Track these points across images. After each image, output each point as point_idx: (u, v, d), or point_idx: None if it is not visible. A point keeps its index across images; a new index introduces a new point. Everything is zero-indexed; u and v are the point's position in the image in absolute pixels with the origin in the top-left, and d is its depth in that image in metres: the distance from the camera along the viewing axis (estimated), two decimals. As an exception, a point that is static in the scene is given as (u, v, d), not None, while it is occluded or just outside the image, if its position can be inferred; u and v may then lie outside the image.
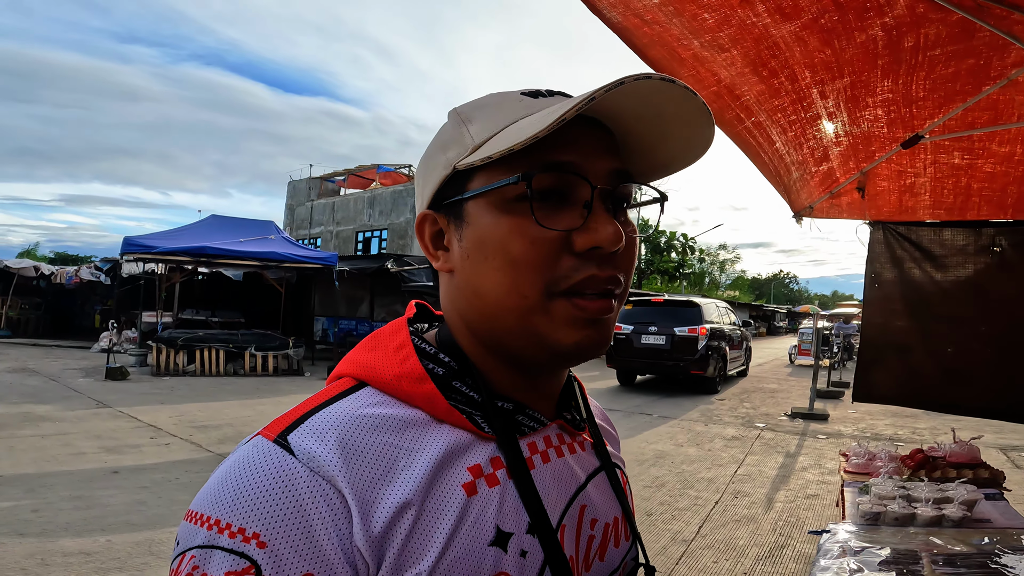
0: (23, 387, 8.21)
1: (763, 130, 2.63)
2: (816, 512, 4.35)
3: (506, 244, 0.46)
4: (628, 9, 1.79)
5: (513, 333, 0.48)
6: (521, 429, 0.51)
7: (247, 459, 0.42)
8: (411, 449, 0.45)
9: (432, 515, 0.43)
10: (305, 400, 0.47)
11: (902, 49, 1.92)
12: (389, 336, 0.52)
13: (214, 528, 0.39)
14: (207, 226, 12.30)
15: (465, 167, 0.48)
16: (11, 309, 16.09)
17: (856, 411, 9.21)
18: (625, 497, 0.60)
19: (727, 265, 63.11)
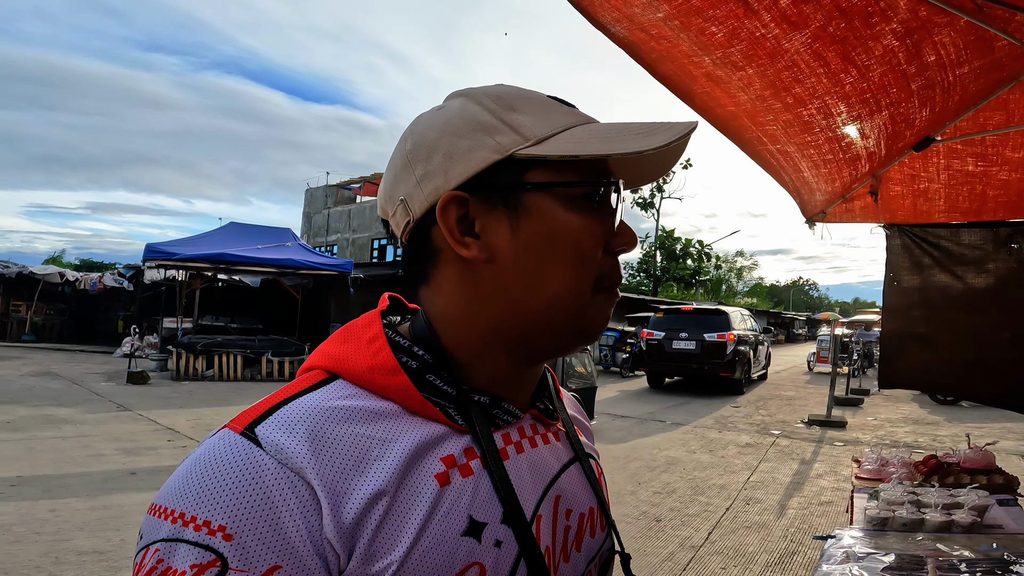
0: (46, 390, 8.42)
1: (789, 158, 2.62)
2: (830, 519, 4.28)
3: (578, 240, 0.49)
4: (633, 24, 1.76)
5: (557, 323, 0.50)
6: (496, 422, 0.51)
7: (213, 452, 0.41)
8: (384, 440, 0.45)
9: (404, 505, 0.43)
10: (273, 393, 0.47)
11: (927, 65, 1.88)
12: (362, 329, 0.51)
13: (178, 521, 0.39)
14: (226, 233, 12.51)
15: (531, 157, 0.47)
16: (36, 314, 16.51)
17: (876, 418, 9.03)
18: (599, 487, 0.60)
19: (744, 272, 62.37)
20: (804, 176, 2.89)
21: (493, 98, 0.50)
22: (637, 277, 37.42)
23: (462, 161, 0.48)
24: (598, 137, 0.48)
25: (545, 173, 0.48)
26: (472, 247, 0.48)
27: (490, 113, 0.49)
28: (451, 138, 0.49)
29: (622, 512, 4.37)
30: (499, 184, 0.48)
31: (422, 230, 0.51)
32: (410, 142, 0.51)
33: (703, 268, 35.35)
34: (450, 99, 0.53)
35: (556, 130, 0.49)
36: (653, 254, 34.03)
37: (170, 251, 10.73)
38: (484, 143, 0.48)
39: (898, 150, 2.62)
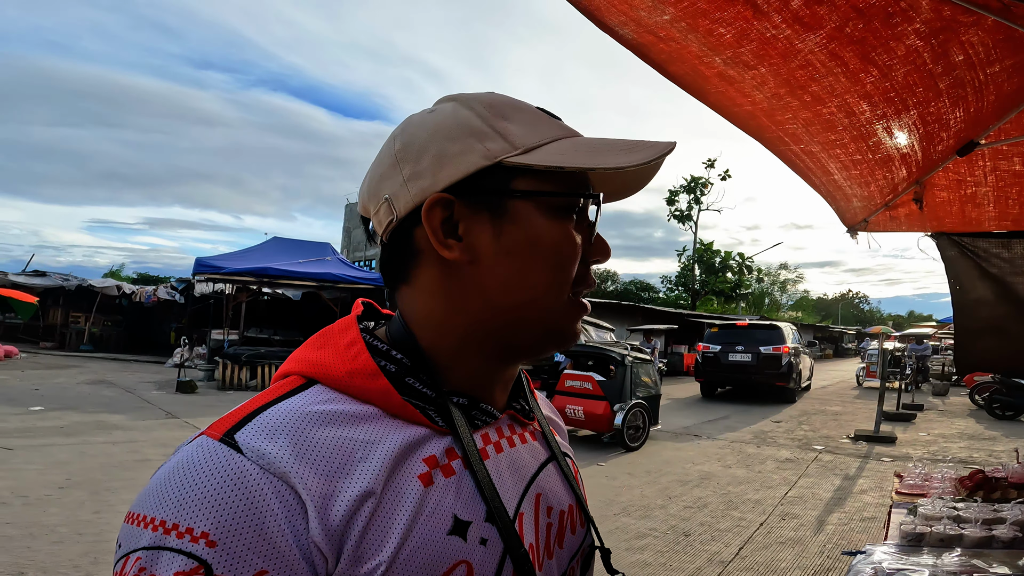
0: (100, 397, 8.86)
1: (816, 159, 2.57)
2: (872, 535, 4.08)
3: (558, 248, 0.50)
4: (640, 26, 1.77)
5: (534, 328, 0.51)
6: (474, 423, 0.52)
7: (191, 459, 0.41)
8: (366, 442, 0.45)
9: (389, 506, 0.43)
10: (249, 400, 0.47)
11: (955, 65, 1.82)
12: (339, 334, 0.51)
13: (159, 529, 0.39)
14: (269, 248, 12.98)
15: (518, 165, 0.49)
16: (94, 326, 17.43)
17: (928, 434, 8.58)
18: (577, 485, 0.61)
19: (789, 285, 60.48)
20: (835, 179, 2.82)
21: (485, 105, 0.51)
22: (676, 291, 36.78)
23: (451, 164, 0.49)
24: (584, 150, 0.50)
25: (530, 182, 0.50)
26: (455, 249, 0.49)
27: (481, 119, 0.50)
28: (441, 141, 0.50)
29: (649, 526, 4.28)
30: (485, 189, 0.49)
31: (405, 230, 0.51)
32: (400, 141, 0.52)
33: (744, 281, 34.46)
34: (442, 103, 0.54)
35: (543, 141, 0.50)
36: (691, 267, 33.41)
37: (217, 265, 11.20)
38: (474, 148, 0.49)
39: (938, 153, 2.53)
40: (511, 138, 0.49)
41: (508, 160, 0.49)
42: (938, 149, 2.46)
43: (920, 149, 2.45)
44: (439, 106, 0.54)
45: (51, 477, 4.67)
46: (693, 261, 33.25)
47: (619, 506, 4.77)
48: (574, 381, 7.34)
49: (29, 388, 9.30)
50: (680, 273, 35.00)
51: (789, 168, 2.76)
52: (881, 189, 2.85)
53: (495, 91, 0.55)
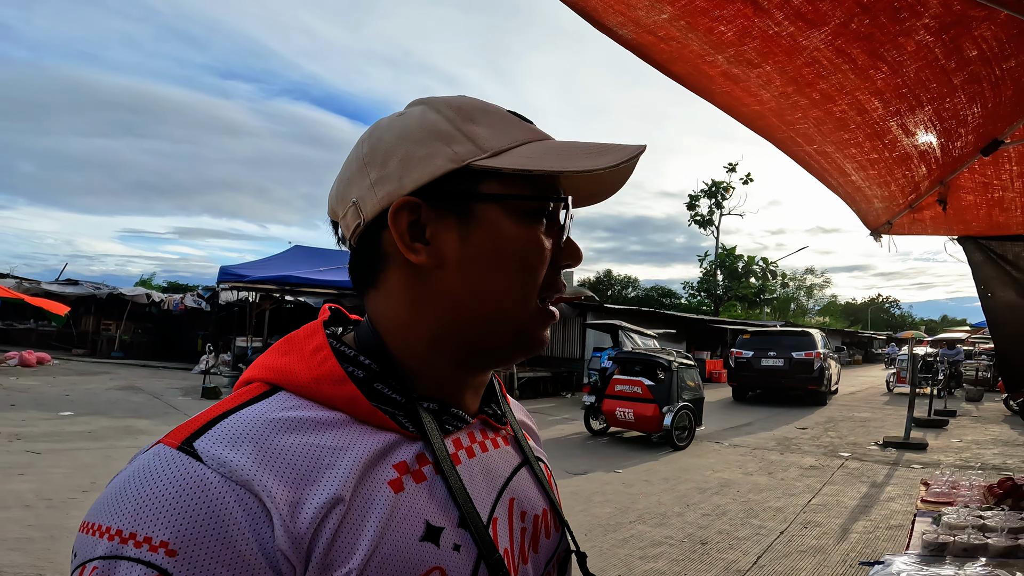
0: (128, 403, 9.08)
1: (831, 160, 2.52)
2: (898, 544, 3.95)
3: (525, 253, 0.50)
4: (639, 27, 1.75)
5: (500, 332, 0.51)
6: (445, 428, 0.51)
7: (148, 468, 0.40)
8: (334, 448, 0.44)
9: (359, 513, 0.43)
10: (209, 407, 0.46)
11: (969, 60, 1.77)
12: (304, 340, 0.50)
13: (116, 538, 0.38)
14: (291, 256, 13.19)
15: (486, 168, 0.48)
16: (125, 333, 17.90)
17: (961, 440, 8.28)
18: (550, 489, 0.61)
19: (816, 290, 59.23)
20: (852, 179, 2.75)
21: (453, 108, 0.51)
22: (698, 297, 36.31)
23: (418, 168, 0.48)
24: (552, 154, 0.49)
25: (498, 185, 0.49)
26: (421, 253, 0.49)
27: (449, 122, 0.50)
28: (408, 144, 0.49)
29: (665, 534, 4.21)
30: (452, 193, 0.49)
31: (372, 234, 0.51)
32: (367, 145, 0.51)
33: (768, 286, 33.86)
34: (411, 106, 0.53)
35: (512, 144, 0.50)
36: (713, 273, 32.96)
37: (240, 274, 11.42)
38: (441, 152, 0.48)
39: (959, 150, 2.46)
40: (479, 141, 0.49)
41: (475, 163, 0.48)
42: (957, 146, 2.39)
43: (939, 146, 2.38)
44: (408, 109, 0.53)
45: (76, 481, 4.79)
46: (715, 266, 32.82)
47: (635, 513, 4.70)
48: (624, 386, 7.79)
49: (60, 394, 9.57)
50: (702, 279, 34.55)
51: (805, 170, 2.70)
52: (902, 188, 2.77)
53: (466, 94, 0.55)
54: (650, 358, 7.94)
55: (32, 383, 10.60)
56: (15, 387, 9.89)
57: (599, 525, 4.37)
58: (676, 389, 7.57)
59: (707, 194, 32.63)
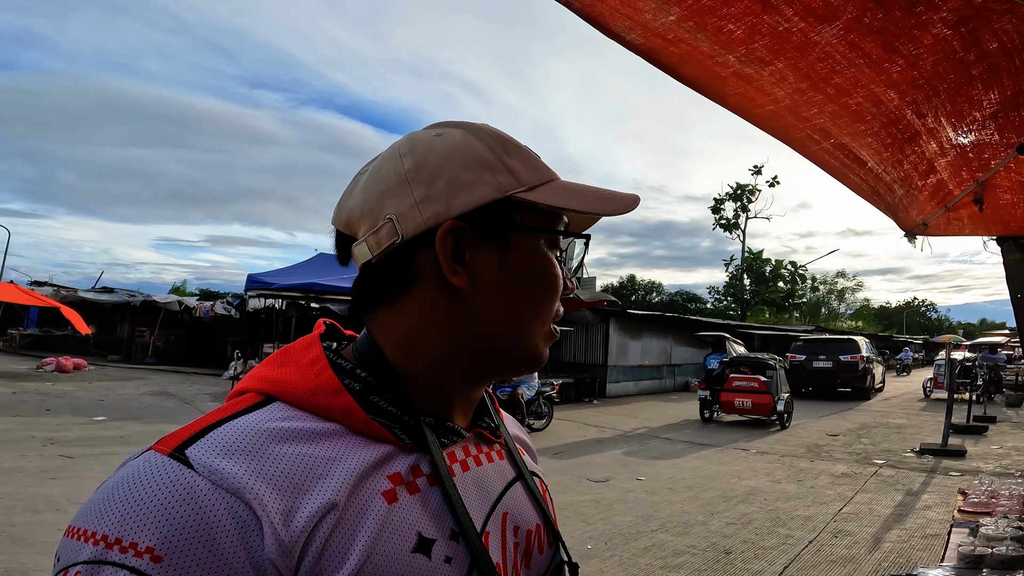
0: (160, 408, 9.30)
1: (848, 151, 2.45)
2: (934, 554, 3.78)
3: (552, 281, 0.54)
4: (647, 30, 1.73)
5: (518, 352, 0.53)
6: (441, 441, 0.52)
7: (137, 474, 0.40)
8: (328, 458, 0.44)
9: (351, 523, 0.43)
10: (203, 416, 0.46)
11: (989, 52, 1.71)
12: (301, 351, 0.51)
13: (100, 543, 0.38)
14: (316, 264, 13.38)
15: (523, 201, 0.51)
16: (158, 339, 18.39)
17: (1002, 447, 7.95)
18: (544, 505, 0.60)
19: (847, 294, 57.73)
20: (870, 168, 2.67)
21: (494, 137, 0.53)
22: (724, 301, 35.72)
23: (465, 192, 0.49)
24: (576, 194, 0.53)
25: (531, 217, 0.52)
26: (461, 275, 0.50)
27: (492, 152, 0.52)
28: (455, 167, 0.50)
29: (688, 543, 4.12)
30: (494, 220, 0.51)
31: (405, 252, 0.50)
32: (410, 161, 0.51)
33: (797, 290, 33.12)
34: (446, 128, 0.54)
35: (541, 181, 0.53)
36: (740, 277, 32.39)
37: (267, 281, 11.64)
38: (487, 180, 0.50)
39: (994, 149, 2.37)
40: (517, 175, 0.52)
41: (516, 195, 0.51)
42: (989, 142, 2.30)
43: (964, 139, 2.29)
44: (445, 131, 0.53)
45: (107, 483, 4.92)
46: (742, 271, 32.27)
47: (657, 522, 4.61)
48: (741, 381, 10.06)
49: (94, 399, 9.87)
50: (728, 283, 34.00)
51: (825, 171, 2.63)
52: (915, 166, 2.67)
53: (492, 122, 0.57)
54: (761, 360, 10.29)
55: (68, 388, 10.95)
56: (51, 392, 10.23)
57: (620, 533, 4.30)
58: (781, 383, 9.94)
59: (732, 197, 32.18)
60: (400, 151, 0.52)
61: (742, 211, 32.01)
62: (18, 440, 6.34)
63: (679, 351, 17.47)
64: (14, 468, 5.21)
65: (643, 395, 15.15)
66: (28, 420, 7.53)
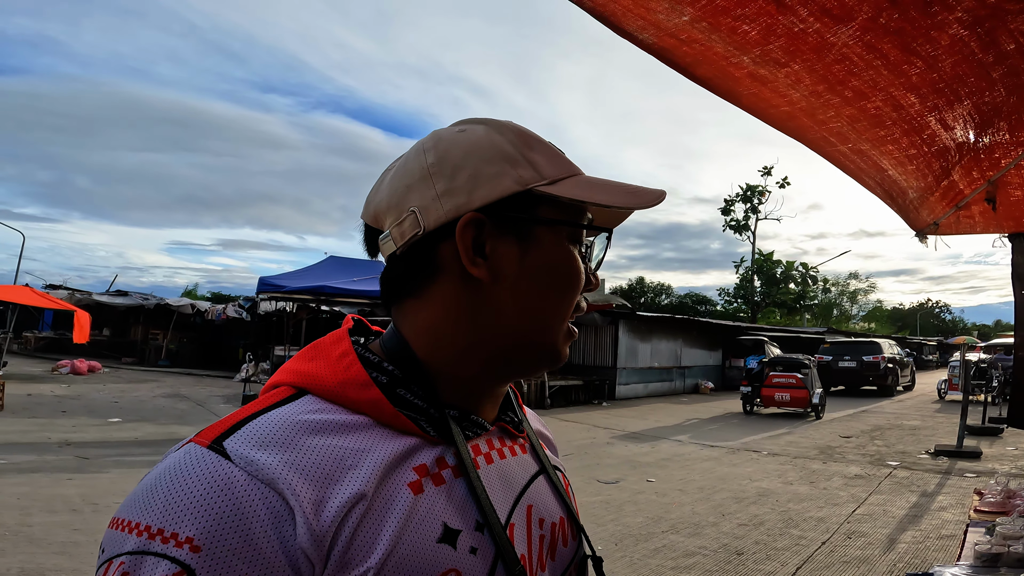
0: (173, 410, 9.40)
1: (867, 157, 2.44)
2: (950, 554, 3.74)
3: (572, 275, 0.54)
4: (660, 30, 1.72)
5: (537, 347, 0.53)
6: (465, 434, 0.53)
7: (179, 465, 0.42)
8: (357, 450, 0.46)
9: (378, 513, 0.44)
10: (239, 408, 0.48)
11: (1007, 54, 1.70)
12: (330, 346, 0.52)
13: (144, 534, 0.39)
14: (326, 266, 13.45)
15: (545, 194, 0.51)
16: (171, 342, 18.56)
17: (1017, 448, 7.84)
18: (567, 498, 0.61)
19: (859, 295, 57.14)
20: (889, 175, 2.65)
21: (516, 133, 0.54)
22: (734, 303, 35.49)
23: (487, 185, 0.51)
24: (598, 188, 0.53)
25: (552, 211, 0.53)
26: (481, 267, 0.51)
27: (513, 146, 0.53)
28: (477, 161, 0.51)
29: (699, 544, 4.10)
30: (514, 213, 0.51)
31: (428, 244, 0.52)
32: (433, 155, 0.52)
33: (808, 292, 32.83)
34: (471, 124, 0.55)
35: (562, 175, 0.53)
36: (750, 279, 32.17)
37: (278, 284, 11.71)
38: (508, 173, 0.51)
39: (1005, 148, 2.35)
40: (539, 168, 0.52)
41: (537, 189, 0.51)
42: (1000, 142, 2.28)
43: (980, 142, 2.28)
44: (469, 127, 0.55)
45: (123, 486, 4.97)
46: (752, 272, 32.06)
47: (668, 523, 4.59)
48: (780, 378, 11.63)
49: (109, 400, 9.98)
50: (738, 285, 33.78)
51: (840, 170, 2.62)
52: (937, 177, 2.66)
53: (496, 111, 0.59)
54: (797, 360, 11.74)
55: (83, 390, 11.09)
56: (67, 394, 10.36)
57: (630, 535, 4.29)
58: (814, 380, 11.55)
59: (742, 199, 31.99)
60: (424, 147, 0.54)
61: (752, 212, 31.81)
62: (34, 441, 6.43)
63: (689, 353, 17.37)
64: (31, 469, 5.29)
65: (653, 397, 15.08)
66: (44, 421, 7.64)
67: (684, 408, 12.92)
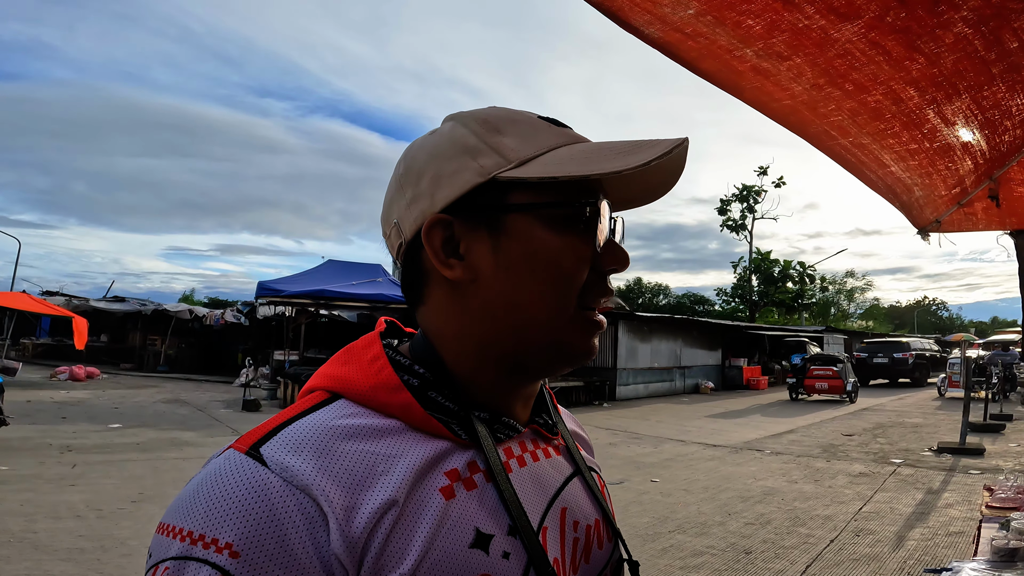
0: (174, 416, 9.35)
1: (868, 151, 2.45)
2: (959, 551, 3.74)
3: (559, 260, 0.49)
4: (666, 24, 1.73)
5: (540, 343, 0.50)
6: (497, 436, 0.52)
7: (219, 471, 0.42)
8: (389, 455, 0.45)
9: (411, 519, 0.44)
10: (277, 414, 0.48)
11: (1010, 52, 1.71)
12: (362, 350, 0.52)
13: (187, 539, 0.40)
14: (324, 271, 13.43)
15: (513, 179, 0.48)
16: (170, 348, 18.50)
17: (1020, 444, 7.85)
18: (603, 500, 0.60)
19: (856, 293, 57.27)
20: (891, 171, 2.66)
21: (480, 121, 0.51)
22: (732, 303, 35.54)
23: (447, 184, 0.49)
24: (579, 158, 0.49)
25: (527, 195, 0.49)
26: (456, 268, 0.50)
27: (475, 136, 0.50)
28: (438, 161, 0.50)
29: (707, 543, 4.09)
30: (482, 206, 0.49)
31: (413, 252, 0.52)
32: (403, 166, 0.53)
33: (806, 291, 32.89)
34: (444, 122, 0.54)
35: (540, 151, 0.50)
36: (748, 278, 32.22)
37: (277, 288, 11.69)
38: (468, 166, 0.49)
39: (1007, 144, 2.36)
40: (505, 152, 0.49)
41: (501, 175, 0.48)
42: (1005, 140, 2.29)
43: (984, 139, 2.29)
44: (441, 126, 0.54)
45: (125, 491, 4.93)
46: (749, 272, 32.11)
47: (674, 523, 4.58)
48: (820, 371, 14.32)
49: (109, 406, 9.93)
50: (736, 284, 33.84)
51: (841, 166, 2.63)
52: (945, 180, 2.67)
53: (496, 104, 0.56)
54: (834, 356, 14.70)
55: (82, 396, 11.03)
56: (66, 401, 10.31)
57: (637, 535, 4.28)
58: (849, 372, 14.19)
59: (738, 198, 32.05)
60: (400, 157, 0.54)
61: (749, 212, 31.88)
62: (36, 447, 6.39)
63: (689, 353, 17.38)
64: (33, 475, 5.25)
65: (653, 397, 15.08)
66: (45, 428, 7.59)
67: (686, 408, 12.92)
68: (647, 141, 0.49)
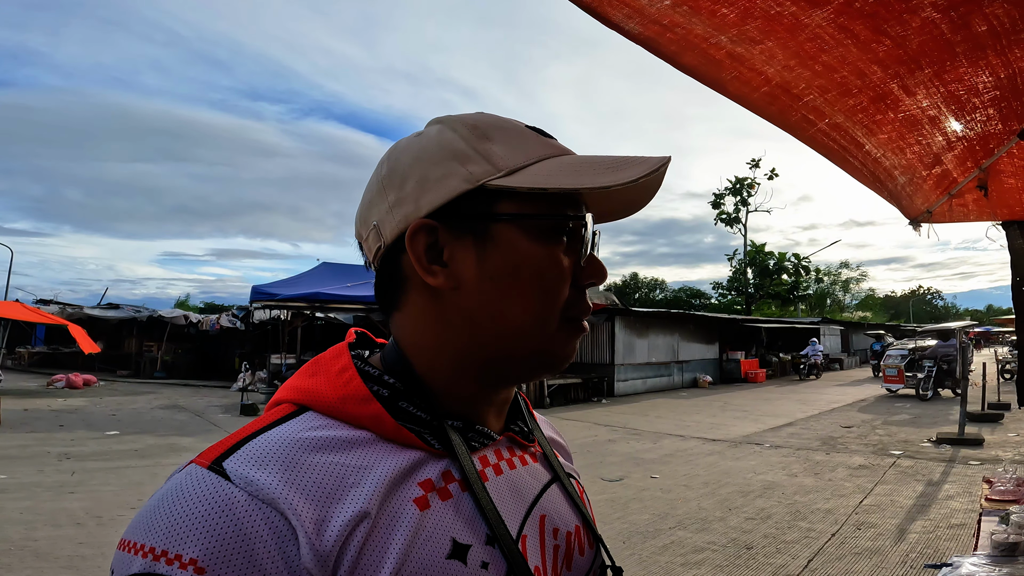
0: (172, 421, 9.31)
1: (844, 132, 2.45)
2: (962, 544, 3.76)
3: (543, 272, 0.49)
4: (644, 17, 1.76)
5: (523, 352, 0.50)
6: (472, 445, 0.51)
7: (180, 487, 0.41)
8: (359, 467, 0.45)
9: (384, 531, 0.43)
10: (241, 428, 0.47)
11: (978, 35, 1.73)
12: (330, 361, 0.51)
13: (149, 556, 0.39)
14: (319, 273, 13.39)
15: (502, 188, 0.47)
16: (166, 354, 18.41)
17: (1019, 434, 7.89)
18: (583, 506, 0.60)
19: (851, 284, 57.48)
20: (868, 151, 2.66)
21: (469, 126, 0.50)
22: (729, 296, 35.63)
23: (434, 189, 0.48)
24: (568, 170, 0.48)
25: (514, 204, 0.49)
26: (439, 275, 0.49)
27: (464, 141, 0.49)
28: (425, 165, 0.49)
29: (708, 539, 4.09)
30: (468, 213, 0.48)
31: (393, 256, 0.51)
32: (386, 167, 0.51)
33: (801, 283, 33.00)
34: (430, 125, 0.53)
35: (529, 161, 0.49)
36: (743, 271, 32.30)
37: (271, 292, 11.65)
38: (456, 172, 0.48)
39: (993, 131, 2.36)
40: (494, 160, 0.48)
41: (490, 184, 0.47)
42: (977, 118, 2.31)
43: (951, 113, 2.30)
44: (427, 129, 0.53)
45: (125, 498, 4.91)
46: (745, 264, 32.19)
47: (675, 519, 4.59)
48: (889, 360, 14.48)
49: (107, 413, 9.88)
50: (732, 278, 33.92)
51: (826, 157, 2.63)
52: (922, 158, 2.68)
53: (484, 111, 0.54)
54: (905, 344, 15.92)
55: (79, 404, 10.97)
56: (64, 408, 10.25)
57: (637, 532, 4.28)
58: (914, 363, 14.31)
59: (732, 192, 32.11)
60: (383, 159, 0.53)
61: (742, 205, 31.94)
62: (34, 455, 6.36)
63: (686, 347, 17.41)
64: (32, 483, 5.22)
65: (652, 393, 15.10)
66: (43, 436, 7.55)
67: (685, 403, 12.94)
68: (633, 158, 0.49)
